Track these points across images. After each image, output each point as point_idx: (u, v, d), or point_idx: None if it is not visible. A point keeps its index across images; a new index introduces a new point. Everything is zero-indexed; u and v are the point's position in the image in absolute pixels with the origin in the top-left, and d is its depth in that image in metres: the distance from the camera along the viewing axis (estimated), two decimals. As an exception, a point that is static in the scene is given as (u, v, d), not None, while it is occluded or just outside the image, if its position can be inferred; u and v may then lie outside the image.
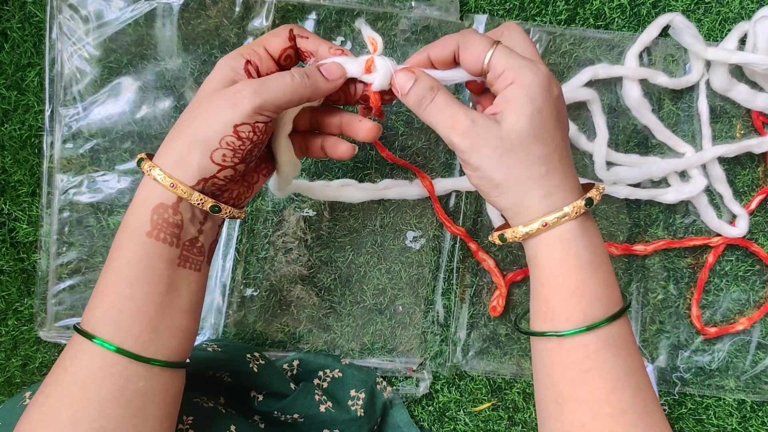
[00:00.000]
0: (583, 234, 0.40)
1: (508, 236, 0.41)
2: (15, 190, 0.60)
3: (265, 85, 0.40)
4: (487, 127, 0.39)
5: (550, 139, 0.40)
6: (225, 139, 0.39)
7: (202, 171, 0.40)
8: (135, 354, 0.39)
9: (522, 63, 0.40)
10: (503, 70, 0.40)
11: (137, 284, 0.39)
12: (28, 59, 0.59)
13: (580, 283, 0.40)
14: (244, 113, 0.39)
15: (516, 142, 0.39)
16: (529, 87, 0.39)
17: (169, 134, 0.41)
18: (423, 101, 0.42)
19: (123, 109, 0.59)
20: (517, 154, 0.39)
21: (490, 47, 0.41)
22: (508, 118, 0.39)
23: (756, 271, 0.66)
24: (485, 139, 0.39)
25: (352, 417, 0.57)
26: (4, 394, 0.62)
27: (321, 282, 0.63)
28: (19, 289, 0.61)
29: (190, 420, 0.47)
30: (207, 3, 0.59)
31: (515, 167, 0.39)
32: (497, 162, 0.39)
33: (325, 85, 0.43)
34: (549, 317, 0.40)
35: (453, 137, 0.40)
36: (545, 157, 0.40)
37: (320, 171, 0.62)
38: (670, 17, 0.62)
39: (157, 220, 0.39)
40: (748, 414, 0.67)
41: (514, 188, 0.40)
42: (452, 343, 0.64)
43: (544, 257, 0.41)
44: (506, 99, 0.40)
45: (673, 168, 0.63)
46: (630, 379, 0.40)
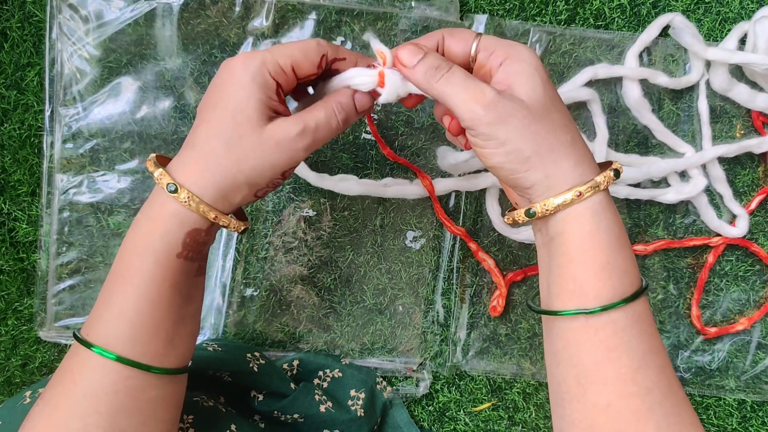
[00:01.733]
0: (610, 207, 0.39)
1: (539, 210, 0.39)
2: (15, 190, 0.60)
3: (316, 137, 0.41)
4: (510, 100, 0.38)
5: (564, 107, 0.40)
6: (273, 181, 0.41)
7: (242, 203, 0.41)
8: (151, 366, 0.39)
9: (512, 42, 0.40)
10: (495, 48, 0.40)
11: (159, 302, 0.39)
12: (27, 59, 0.59)
13: (611, 258, 0.38)
14: (297, 163, 0.41)
15: (541, 110, 0.38)
16: (528, 59, 0.39)
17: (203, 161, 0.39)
18: (438, 71, 0.40)
19: (123, 109, 0.59)
20: (544, 123, 0.38)
21: (476, 34, 0.41)
22: (522, 88, 0.38)
23: (756, 271, 0.66)
24: (512, 110, 0.37)
25: (352, 417, 0.57)
26: (4, 394, 0.62)
27: (321, 282, 0.63)
28: (18, 289, 0.61)
29: (191, 419, 0.47)
30: (207, 3, 0.59)
31: (545, 136, 0.38)
32: (526, 130, 0.38)
33: (356, 117, 0.44)
34: (576, 294, 0.38)
35: (478, 109, 0.38)
36: (568, 125, 0.39)
37: (320, 171, 0.62)
38: (670, 17, 0.62)
39: (189, 242, 0.39)
40: (748, 414, 0.67)
41: (545, 159, 0.38)
42: (452, 343, 0.64)
43: (573, 231, 0.39)
44: (509, 73, 0.39)
45: (673, 168, 0.63)
46: (655, 357, 0.39)
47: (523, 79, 0.38)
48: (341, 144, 0.62)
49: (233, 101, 0.39)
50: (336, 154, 0.62)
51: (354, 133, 0.62)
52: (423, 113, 0.62)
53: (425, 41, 0.42)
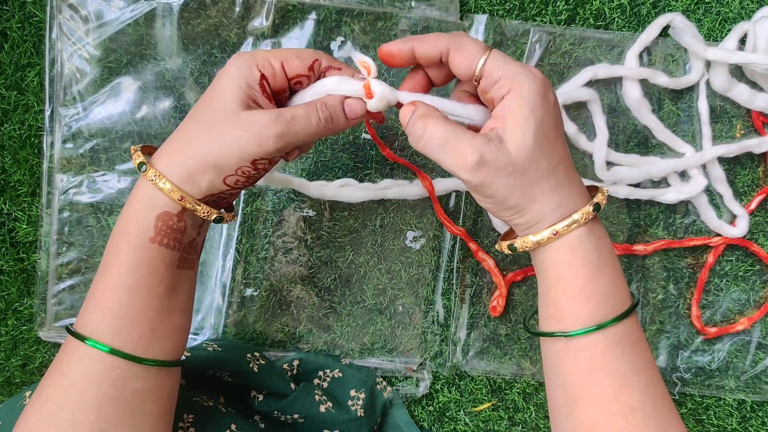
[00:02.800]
0: (590, 237, 0.40)
1: (518, 246, 0.41)
2: (15, 190, 0.60)
3: (290, 128, 0.40)
4: (495, 156, 0.38)
5: (553, 150, 0.40)
6: (242, 168, 0.40)
7: (211, 189, 0.40)
8: (134, 356, 0.39)
9: (518, 70, 0.39)
10: (499, 76, 0.39)
11: (138, 289, 0.39)
12: (28, 59, 0.59)
13: (587, 284, 0.40)
14: (266, 152, 0.39)
15: (525, 162, 0.38)
16: (528, 96, 0.39)
17: (176, 142, 0.40)
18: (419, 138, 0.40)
19: (123, 109, 0.59)
20: (527, 175, 0.39)
21: (484, 52, 0.40)
22: (513, 136, 0.38)
23: (756, 271, 0.66)
24: (496, 170, 0.38)
25: (352, 417, 0.57)
26: (4, 394, 0.62)
27: (321, 282, 0.63)
28: (19, 289, 0.61)
29: (191, 418, 0.47)
30: (207, 3, 0.59)
31: (528, 187, 0.39)
32: (510, 186, 0.39)
33: (345, 124, 0.43)
34: (557, 318, 0.41)
35: (462, 174, 0.39)
36: (552, 170, 0.39)
37: (320, 171, 0.62)
38: (670, 17, 0.62)
39: (161, 226, 0.39)
40: (748, 414, 0.67)
41: (528, 208, 0.40)
42: (452, 343, 0.64)
43: (552, 261, 0.41)
44: (507, 110, 0.39)
45: (673, 168, 0.63)
46: (639, 376, 0.40)
47: (517, 122, 0.38)
48: (341, 144, 0.62)
49: (216, 89, 0.40)
50: (336, 154, 0.62)
51: (354, 133, 0.62)
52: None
53: (425, 47, 0.41)
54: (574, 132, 0.63)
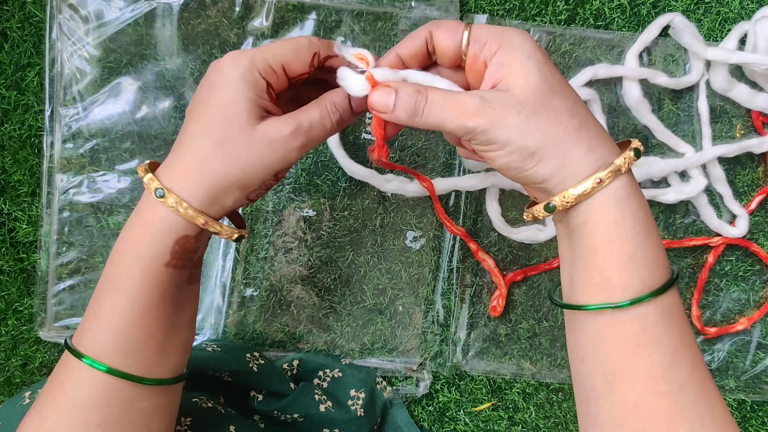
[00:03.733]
0: (636, 191, 0.36)
1: (558, 203, 0.36)
2: (15, 190, 0.60)
3: (309, 137, 0.39)
4: (499, 98, 0.36)
5: (568, 90, 0.37)
6: (265, 183, 0.39)
7: (234, 206, 0.39)
8: (141, 378, 0.38)
9: (503, 29, 0.37)
10: (486, 38, 0.37)
11: (149, 311, 0.38)
12: (28, 59, 0.59)
13: (639, 247, 0.36)
14: (289, 164, 0.39)
15: (536, 101, 0.35)
16: (521, 46, 0.36)
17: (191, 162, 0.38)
18: (417, 107, 0.38)
19: (123, 109, 0.59)
20: (543, 114, 0.35)
21: (465, 25, 0.39)
22: (515, 80, 0.36)
23: (756, 271, 0.66)
24: (503, 109, 0.35)
25: (352, 417, 0.57)
26: (4, 394, 0.62)
27: (321, 282, 0.63)
28: (19, 289, 0.61)
29: (188, 421, 0.47)
30: (207, 3, 0.59)
31: (547, 127, 0.35)
32: (524, 126, 0.35)
33: (353, 118, 0.42)
34: (603, 287, 0.36)
35: (467, 122, 0.36)
36: (572, 109, 0.36)
37: (320, 171, 0.62)
38: (670, 17, 0.62)
39: (178, 250, 0.38)
40: (748, 414, 0.67)
41: (552, 150, 0.36)
42: (452, 343, 0.64)
43: (597, 221, 0.36)
44: (501, 64, 0.37)
45: (673, 168, 0.63)
46: (688, 353, 0.36)
47: (516, 69, 0.36)
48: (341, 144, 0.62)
49: (223, 101, 0.37)
50: (336, 154, 0.62)
51: (354, 133, 0.62)
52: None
53: (408, 44, 0.40)
54: (574, 132, 0.63)
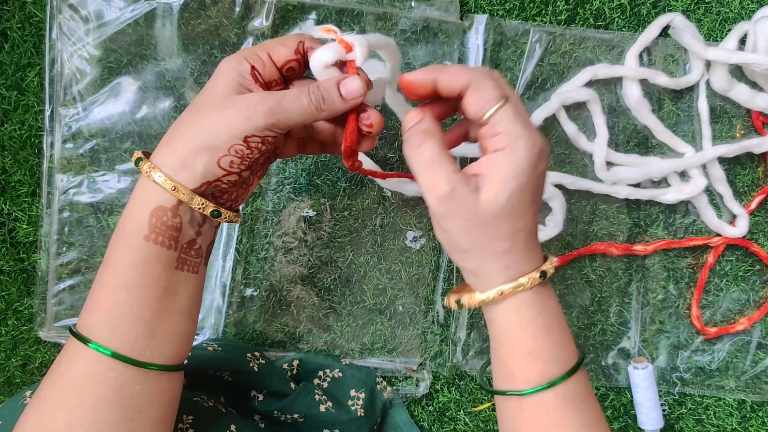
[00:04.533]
0: (536, 300, 0.42)
1: (465, 302, 0.43)
2: (15, 190, 0.60)
3: (280, 105, 0.39)
4: (464, 197, 0.39)
5: (522, 216, 0.41)
6: (234, 147, 0.39)
7: (207, 175, 0.39)
8: (131, 359, 0.38)
9: (520, 132, 0.39)
10: (501, 131, 0.40)
11: (134, 289, 0.39)
12: (28, 59, 0.59)
13: (535, 345, 0.41)
14: (256, 128, 0.39)
15: (489, 217, 0.40)
16: (517, 162, 0.39)
17: (170, 134, 0.40)
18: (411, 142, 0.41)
19: (123, 109, 0.59)
20: (487, 229, 0.40)
21: (499, 101, 0.40)
22: (488, 190, 0.39)
23: (756, 271, 0.66)
24: (460, 210, 0.40)
25: (352, 417, 0.57)
26: (4, 394, 0.62)
27: (321, 282, 0.63)
28: (19, 289, 0.61)
29: (190, 419, 0.47)
30: (207, 3, 0.59)
31: (482, 240, 0.40)
32: (466, 231, 0.40)
33: (342, 106, 0.42)
34: (509, 378, 0.42)
35: (429, 198, 0.40)
36: (513, 235, 0.40)
37: (320, 171, 0.62)
38: (670, 17, 0.62)
39: (155, 223, 0.39)
40: (748, 414, 0.67)
41: (476, 257, 0.41)
42: (452, 343, 0.64)
43: (500, 321, 0.42)
44: (492, 165, 0.40)
45: (673, 168, 0.63)
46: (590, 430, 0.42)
47: (496, 179, 0.39)
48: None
49: (210, 84, 0.41)
50: (336, 154, 0.62)
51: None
52: (423, 113, 0.62)
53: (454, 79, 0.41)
54: (574, 132, 0.63)
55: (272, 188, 0.62)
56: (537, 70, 0.63)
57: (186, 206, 0.39)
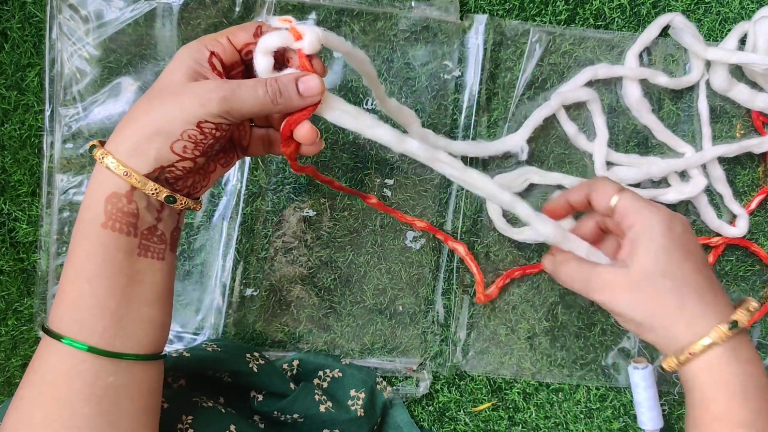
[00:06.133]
0: (732, 360, 0.42)
1: (666, 366, 0.44)
2: (15, 190, 0.61)
3: (235, 93, 0.39)
4: (616, 275, 0.44)
5: (679, 272, 0.43)
6: (187, 132, 0.39)
7: (159, 159, 0.39)
8: (101, 350, 0.38)
9: (644, 205, 0.44)
10: (627, 212, 0.45)
11: (96, 278, 0.38)
12: (28, 59, 0.59)
13: (727, 409, 0.41)
14: (209, 114, 0.39)
15: (643, 280, 0.43)
16: (650, 227, 0.43)
17: (123, 121, 0.40)
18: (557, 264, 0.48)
19: (123, 109, 0.59)
20: (647, 291, 0.43)
21: (618, 191, 0.46)
22: (635, 259, 0.43)
23: (756, 271, 0.66)
24: (618, 287, 0.44)
25: (352, 417, 0.57)
26: (4, 394, 0.62)
27: (321, 282, 0.63)
28: (19, 289, 0.61)
29: (190, 419, 0.47)
30: (207, 3, 0.59)
31: (649, 304, 0.43)
32: (633, 303, 0.43)
33: (299, 102, 0.42)
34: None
35: (592, 296, 0.45)
36: (675, 290, 0.43)
37: (320, 170, 0.62)
38: (670, 17, 0.62)
39: (111, 210, 0.38)
40: (748, 414, 0.67)
41: (656, 324, 0.43)
42: (452, 343, 0.64)
43: (694, 381, 0.43)
44: (631, 241, 0.44)
45: (673, 168, 0.63)
46: None
47: (639, 248, 0.43)
48: (341, 144, 0.62)
49: (166, 71, 0.41)
50: (336, 154, 0.62)
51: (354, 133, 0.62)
52: (423, 113, 0.62)
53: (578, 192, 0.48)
54: (574, 132, 0.63)
55: (272, 188, 0.62)
56: (537, 70, 0.63)
57: (140, 192, 0.39)
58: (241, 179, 0.61)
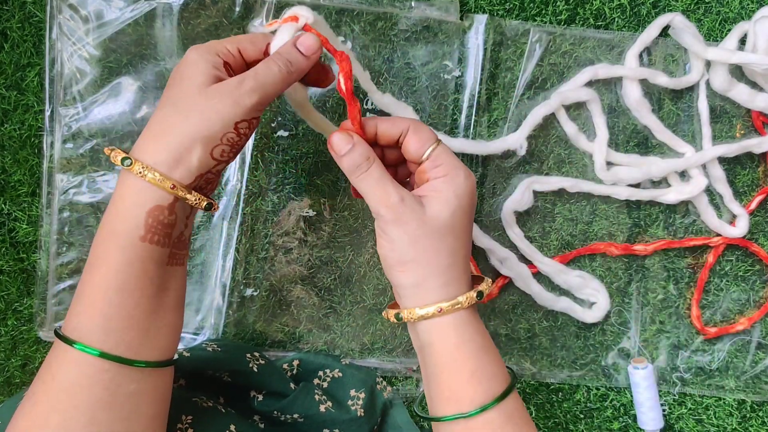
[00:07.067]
0: (473, 320, 0.43)
1: (404, 316, 0.43)
2: (15, 190, 0.60)
3: (259, 81, 0.41)
4: (413, 206, 0.42)
5: (462, 235, 0.43)
6: (227, 136, 0.40)
7: (201, 168, 0.39)
8: (127, 359, 0.38)
9: (459, 165, 0.44)
10: (442, 162, 0.43)
11: (127, 290, 0.38)
12: (28, 59, 0.59)
13: (478, 365, 0.42)
14: (245, 111, 0.40)
15: (435, 228, 0.42)
16: (458, 186, 0.43)
17: (154, 129, 0.40)
18: (358, 169, 0.43)
19: (123, 109, 0.59)
20: (432, 240, 0.42)
21: (435, 140, 0.44)
22: (433, 205, 0.42)
23: (756, 271, 0.66)
24: (409, 216, 0.42)
25: (352, 417, 0.57)
26: (4, 394, 0.62)
27: (321, 282, 0.63)
28: (19, 289, 0.61)
29: (190, 419, 0.47)
30: (207, 3, 0.59)
31: (427, 251, 0.42)
32: (413, 240, 0.42)
33: (306, 63, 0.44)
34: (453, 401, 0.43)
35: (381, 208, 0.42)
36: (454, 251, 0.43)
37: (320, 171, 0.62)
38: (670, 17, 0.62)
39: (152, 223, 0.38)
40: (748, 414, 0.67)
41: (419, 269, 0.42)
42: (452, 343, 0.64)
43: (440, 344, 0.43)
44: (435, 188, 0.43)
45: (673, 168, 0.63)
46: None
47: (440, 198, 0.42)
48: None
49: (183, 75, 0.41)
50: (336, 154, 0.62)
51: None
52: (423, 113, 0.62)
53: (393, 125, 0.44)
54: (574, 132, 0.63)
55: (272, 188, 0.62)
56: (537, 70, 0.63)
57: (182, 203, 0.40)
58: (241, 179, 0.61)
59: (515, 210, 0.62)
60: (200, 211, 0.46)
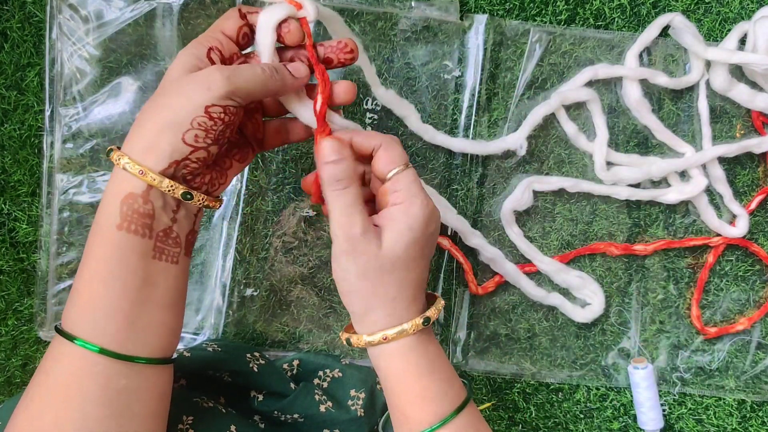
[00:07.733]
0: (419, 344, 0.44)
1: (353, 341, 0.45)
2: (15, 190, 0.61)
3: (236, 72, 0.41)
4: (371, 240, 0.43)
5: (413, 267, 0.44)
6: (197, 120, 0.39)
7: (173, 153, 0.39)
8: (114, 352, 0.38)
9: (418, 192, 0.44)
10: (400, 189, 0.44)
11: (111, 281, 0.38)
12: (28, 59, 0.59)
13: (423, 388, 0.44)
14: (216, 96, 0.39)
15: (385, 263, 0.43)
16: (412, 217, 0.43)
17: (136, 122, 0.41)
18: (337, 183, 0.44)
19: (123, 109, 0.59)
20: (382, 275, 0.43)
21: (403, 164, 0.44)
22: (387, 238, 0.43)
23: (756, 271, 0.66)
24: (364, 249, 0.42)
25: (352, 417, 0.57)
26: (4, 394, 0.62)
27: (321, 282, 0.63)
28: (19, 289, 0.61)
29: (190, 419, 0.47)
30: (207, 3, 0.59)
31: (374, 284, 0.43)
32: (364, 273, 0.43)
33: (292, 81, 0.44)
34: (404, 422, 0.44)
35: (341, 234, 0.43)
36: (402, 284, 0.44)
37: (320, 171, 0.62)
38: (670, 17, 0.62)
39: (126, 211, 0.39)
40: (748, 414, 0.67)
41: (364, 301, 0.44)
42: (452, 343, 0.64)
43: (387, 369, 0.45)
44: (390, 218, 0.44)
45: (673, 168, 0.63)
46: None
47: (395, 229, 0.43)
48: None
49: (168, 71, 0.42)
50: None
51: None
52: (423, 113, 0.62)
53: (368, 139, 0.45)
54: (574, 132, 0.63)
55: (272, 188, 0.62)
56: (537, 70, 0.63)
57: (156, 191, 0.39)
58: (241, 179, 0.61)
59: (515, 209, 0.62)
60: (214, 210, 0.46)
